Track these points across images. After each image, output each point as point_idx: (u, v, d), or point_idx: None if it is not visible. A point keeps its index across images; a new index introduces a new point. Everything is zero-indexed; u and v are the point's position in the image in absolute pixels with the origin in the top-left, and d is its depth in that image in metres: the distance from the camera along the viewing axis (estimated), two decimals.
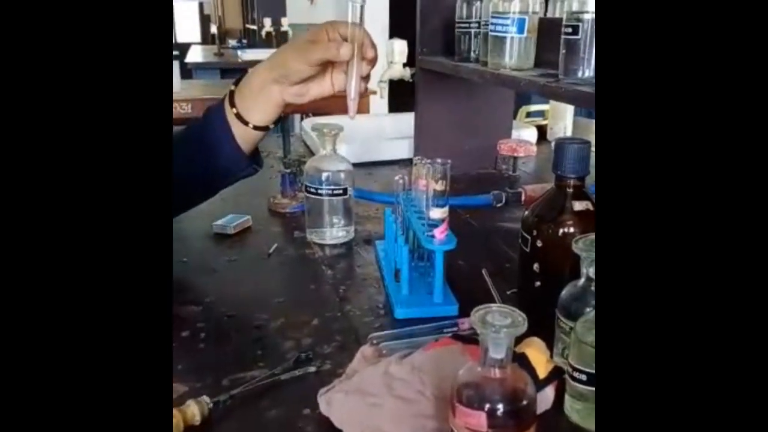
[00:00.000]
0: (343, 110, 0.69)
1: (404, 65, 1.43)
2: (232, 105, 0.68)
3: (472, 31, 0.96)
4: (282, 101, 0.68)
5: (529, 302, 0.61)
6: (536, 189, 0.92)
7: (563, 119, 1.47)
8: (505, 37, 0.83)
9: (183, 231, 0.88)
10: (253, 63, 0.72)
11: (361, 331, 0.62)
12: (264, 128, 0.69)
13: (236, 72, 3.47)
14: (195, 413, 0.47)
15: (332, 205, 0.84)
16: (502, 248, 0.84)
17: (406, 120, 1.40)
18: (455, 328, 0.60)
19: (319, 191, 0.83)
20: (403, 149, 1.28)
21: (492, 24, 0.84)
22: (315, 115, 2.00)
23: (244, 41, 5.04)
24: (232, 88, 0.69)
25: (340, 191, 0.83)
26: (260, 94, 0.67)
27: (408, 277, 0.67)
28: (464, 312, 0.65)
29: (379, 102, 2.99)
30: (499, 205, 0.92)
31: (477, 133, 1.20)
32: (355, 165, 0.87)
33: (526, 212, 0.63)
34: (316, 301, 0.69)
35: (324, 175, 0.83)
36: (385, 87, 1.45)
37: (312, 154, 1.33)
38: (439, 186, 0.63)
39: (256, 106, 0.67)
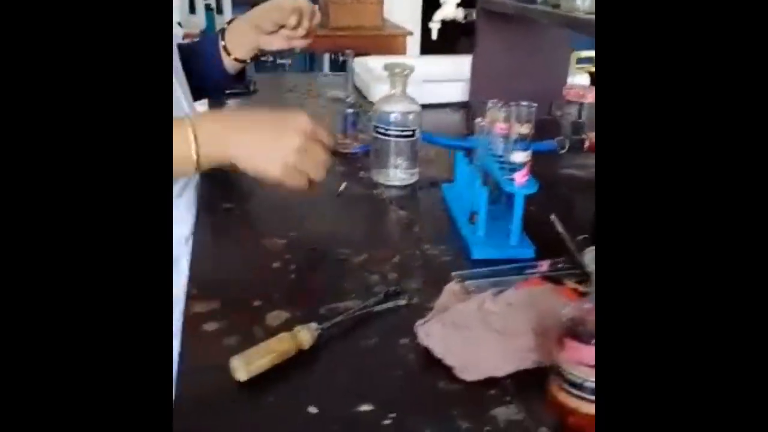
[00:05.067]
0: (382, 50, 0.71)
1: (457, 5, 1.42)
2: (222, 38, 0.90)
3: None
4: (256, 45, 0.89)
5: None
6: None
7: None
8: None
9: None
10: None
11: (442, 269, 0.65)
12: (242, 61, 0.91)
13: None
14: (306, 338, 0.50)
15: (399, 147, 0.85)
16: (566, 194, 0.86)
17: (457, 63, 1.39)
18: (534, 270, 0.63)
19: (388, 132, 0.84)
20: (455, 92, 1.28)
21: None
22: (360, 54, 1.99)
23: None
24: (225, 26, 0.91)
25: (409, 133, 0.84)
26: (242, 37, 0.89)
27: (485, 220, 0.69)
28: (539, 255, 0.67)
29: (411, 43, 2.95)
30: (562, 151, 0.92)
31: (533, 77, 1.19)
32: None
33: None
34: (393, 239, 0.72)
35: (392, 116, 0.84)
36: (436, 27, 1.43)
37: (362, 95, 1.33)
38: (524, 129, 0.64)
39: (238, 45, 0.89)
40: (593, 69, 1.51)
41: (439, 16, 1.38)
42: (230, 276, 0.63)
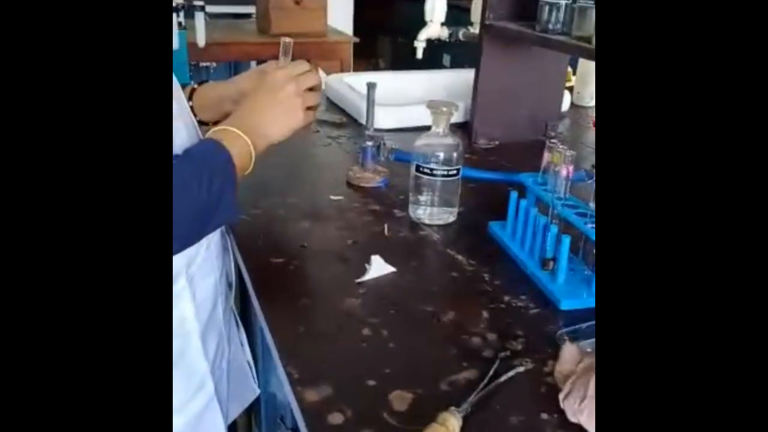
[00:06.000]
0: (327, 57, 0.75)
1: (442, 24, 1.40)
2: (190, 99, 0.82)
3: (563, 3, 0.94)
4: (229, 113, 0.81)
5: None
6: None
7: (590, 84, 1.49)
8: None
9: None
10: None
11: (537, 325, 0.63)
12: (205, 123, 0.82)
13: None
14: (455, 427, 0.47)
15: (443, 186, 0.82)
16: None
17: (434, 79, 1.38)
18: None
19: (435, 172, 0.81)
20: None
21: None
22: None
23: None
24: (195, 86, 0.83)
25: (454, 172, 0.82)
26: (217, 103, 0.81)
27: (566, 268, 0.67)
28: None
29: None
30: (589, 181, 0.93)
31: (531, 98, 1.19)
32: (393, 130, 0.84)
33: None
34: (470, 289, 0.69)
35: (437, 156, 0.81)
36: (421, 46, 1.41)
37: (343, 112, 1.28)
38: None
39: (209, 109, 0.82)
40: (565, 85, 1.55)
41: (424, 35, 1.35)
42: (324, 350, 0.57)
